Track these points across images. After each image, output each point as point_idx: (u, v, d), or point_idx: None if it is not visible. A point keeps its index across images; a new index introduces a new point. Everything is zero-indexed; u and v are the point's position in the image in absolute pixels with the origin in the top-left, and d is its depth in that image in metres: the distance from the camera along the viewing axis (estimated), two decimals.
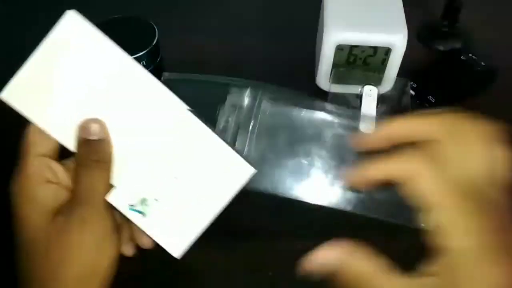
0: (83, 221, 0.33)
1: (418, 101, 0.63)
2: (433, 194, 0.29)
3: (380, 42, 0.59)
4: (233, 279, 0.50)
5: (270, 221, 0.49)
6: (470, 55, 0.67)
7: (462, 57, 0.67)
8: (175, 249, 0.34)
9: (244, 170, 0.33)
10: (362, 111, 0.58)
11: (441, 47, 0.71)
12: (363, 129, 0.56)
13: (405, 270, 0.29)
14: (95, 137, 0.33)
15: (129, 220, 0.34)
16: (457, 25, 0.70)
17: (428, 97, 0.64)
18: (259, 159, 0.38)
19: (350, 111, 0.55)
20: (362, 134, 0.33)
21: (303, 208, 0.39)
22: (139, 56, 0.57)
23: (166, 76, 0.41)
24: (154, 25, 0.62)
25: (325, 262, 0.30)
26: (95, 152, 0.33)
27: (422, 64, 0.69)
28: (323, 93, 0.65)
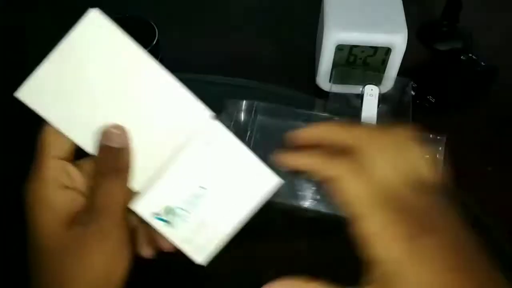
0: (100, 233, 0.32)
1: (418, 101, 0.63)
2: (355, 203, 0.29)
3: (380, 42, 0.59)
4: (233, 279, 0.50)
5: (270, 222, 0.50)
6: (470, 55, 0.67)
7: (462, 57, 0.67)
8: (199, 257, 0.34)
9: (269, 180, 0.33)
10: (363, 110, 0.58)
11: (441, 47, 0.71)
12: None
13: None
14: (116, 145, 0.32)
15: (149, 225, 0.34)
16: (457, 25, 0.70)
17: (428, 97, 0.64)
18: None
19: (346, 119, 0.55)
20: (295, 131, 0.33)
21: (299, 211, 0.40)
22: None
23: None
24: (154, 25, 0.62)
25: None
26: (115, 160, 0.32)
27: (422, 64, 0.69)
28: (323, 93, 0.65)
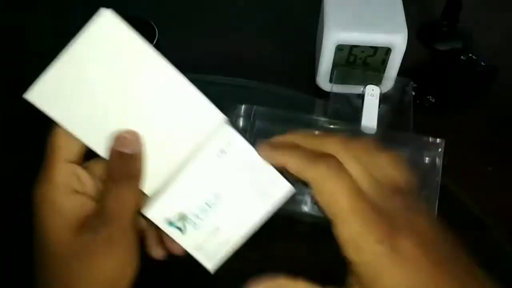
0: (110, 239, 0.32)
1: (418, 101, 0.63)
2: (333, 206, 0.29)
3: (380, 42, 0.59)
4: (233, 279, 0.50)
5: (269, 223, 0.49)
6: (470, 55, 0.67)
7: (462, 57, 0.67)
8: (209, 264, 0.35)
9: (282, 188, 0.33)
10: (364, 110, 0.58)
11: (441, 47, 0.71)
12: (364, 129, 0.56)
13: None
14: (129, 151, 0.31)
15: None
16: (457, 25, 0.70)
17: (428, 97, 0.64)
18: None
19: (345, 125, 0.55)
20: (273, 138, 0.33)
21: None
22: None
23: None
24: (154, 25, 0.62)
25: None
26: (127, 166, 0.32)
27: (422, 64, 0.69)
28: (323, 93, 0.65)
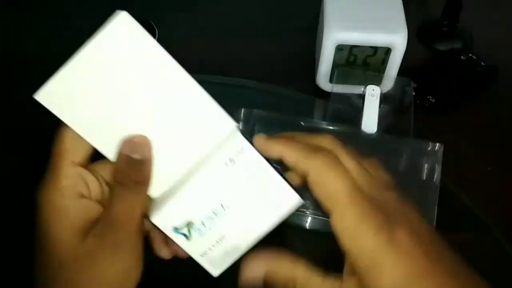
0: (115, 245, 0.31)
1: (418, 101, 0.63)
2: (330, 197, 0.30)
3: (380, 42, 0.59)
4: (232, 279, 0.50)
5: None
6: (470, 55, 0.67)
7: (462, 57, 0.67)
8: (215, 271, 0.35)
9: (291, 199, 0.33)
10: (365, 110, 0.58)
11: (441, 47, 0.71)
12: (365, 129, 0.56)
13: None
14: (139, 157, 0.31)
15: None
16: (457, 25, 0.70)
17: (428, 97, 0.64)
18: None
19: (345, 126, 0.55)
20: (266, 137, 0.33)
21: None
22: None
23: None
24: (154, 25, 0.62)
25: (253, 275, 0.32)
26: (136, 172, 0.31)
27: (422, 64, 0.69)
28: (323, 93, 0.65)
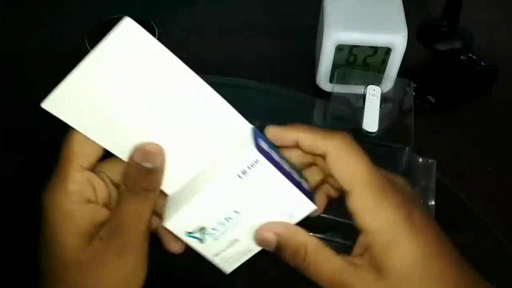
0: (121, 250, 0.31)
1: (418, 101, 0.63)
2: (350, 177, 0.30)
3: (380, 42, 0.59)
4: (233, 279, 0.50)
5: None
6: (470, 55, 0.67)
7: (462, 57, 0.67)
8: (226, 268, 0.35)
9: (305, 207, 0.32)
10: (365, 111, 0.58)
11: (441, 47, 0.71)
12: (366, 129, 0.56)
13: None
14: (150, 166, 0.30)
15: None
16: (457, 25, 0.70)
17: (428, 97, 0.64)
18: None
19: (345, 128, 0.55)
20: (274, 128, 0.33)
21: None
22: None
23: None
24: (154, 25, 0.62)
25: (266, 238, 0.32)
26: (145, 180, 0.31)
27: (422, 64, 0.69)
28: (323, 93, 0.65)
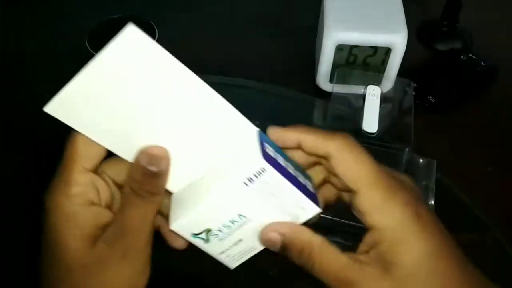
0: (125, 253, 0.31)
1: (418, 101, 0.63)
2: (355, 177, 0.31)
3: (380, 42, 0.59)
4: (233, 279, 0.50)
5: None
6: (470, 55, 0.67)
7: (462, 57, 0.67)
8: (231, 264, 0.35)
9: (310, 210, 0.33)
10: (365, 110, 0.58)
11: (441, 47, 0.71)
12: (366, 129, 0.56)
13: None
14: (155, 169, 0.30)
15: None
16: (457, 25, 0.70)
17: (428, 97, 0.64)
18: None
19: (345, 128, 0.55)
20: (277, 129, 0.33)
21: None
22: None
23: None
24: (154, 25, 0.62)
25: (271, 238, 0.32)
26: (150, 184, 0.31)
27: (422, 64, 0.69)
28: (323, 93, 0.65)
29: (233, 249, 0.34)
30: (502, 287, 0.30)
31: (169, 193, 0.34)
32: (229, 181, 0.31)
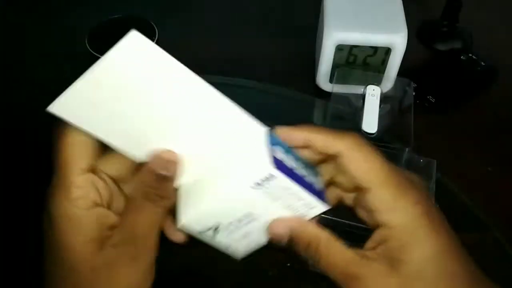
0: (134, 257, 0.31)
1: (418, 101, 0.63)
2: (364, 176, 0.31)
3: (380, 42, 0.59)
4: (233, 279, 0.50)
5: None
6: (470, 55, 0.67)
7: (462, 57, 0.67)
8: (237, 255, 0.36)
9: (317, 208, 0.33)
10: (365, 110, 0.58)
11: (441, 47, 0.71)
12: (365, 129, 0.56)
13: None
14: (165, 173, 0.31)
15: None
16: (457, 25, 0.71)
17: (428, 97, 0.64)
18: None
19: (345, 128, 0.55)
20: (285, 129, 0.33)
21: None
22: None
23: None
24: (154, 25, 0.62)
25: (278, 233, 0.33)
26: (161, 187, 0.31)
27: (422, 64, 0.69)
28: (323, 93, 0.65)
29: (240, 242, 0.35)
30: (503, 287, 0.30)
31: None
32: (236, 183, 0.31)
